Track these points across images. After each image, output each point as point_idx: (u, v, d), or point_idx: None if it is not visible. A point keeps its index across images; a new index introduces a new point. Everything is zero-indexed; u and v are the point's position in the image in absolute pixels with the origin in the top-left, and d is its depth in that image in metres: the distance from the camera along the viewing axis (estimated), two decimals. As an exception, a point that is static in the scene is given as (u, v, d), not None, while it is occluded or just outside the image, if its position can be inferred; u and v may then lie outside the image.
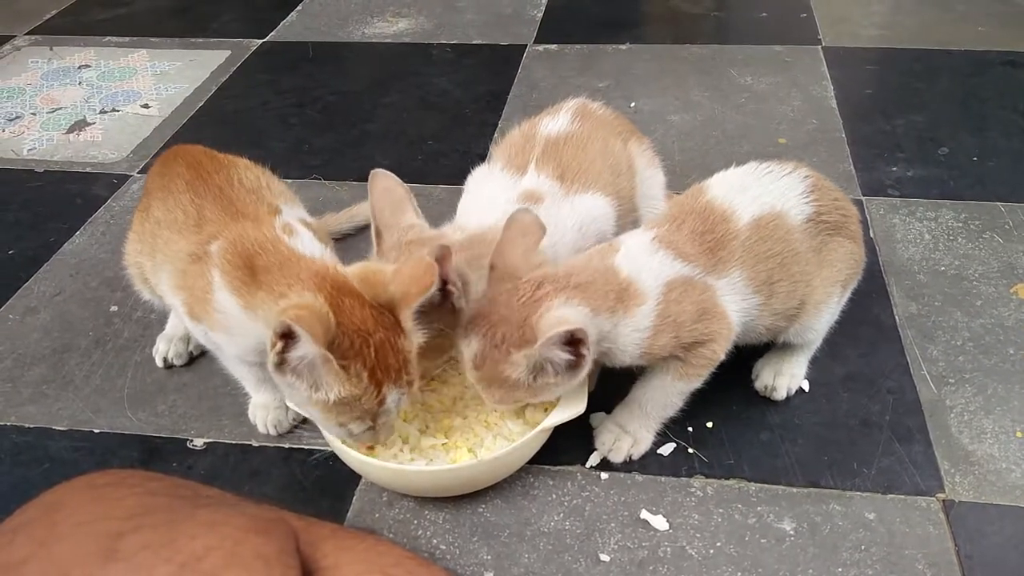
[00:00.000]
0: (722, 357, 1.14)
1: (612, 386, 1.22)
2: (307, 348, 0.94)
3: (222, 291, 1.06)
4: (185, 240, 1.14)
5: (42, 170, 1.95)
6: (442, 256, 1.04)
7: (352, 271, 1.06)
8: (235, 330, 1.08)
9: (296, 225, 1.14)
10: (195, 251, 1.12)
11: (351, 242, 1.60)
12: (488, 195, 1.26)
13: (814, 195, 1.18)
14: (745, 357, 1.29)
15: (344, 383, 0.97)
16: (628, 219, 1.34)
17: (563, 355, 1.01)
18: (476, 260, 1.13)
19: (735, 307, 1.13)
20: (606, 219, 1.28)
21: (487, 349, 1.03)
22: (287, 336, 0.93)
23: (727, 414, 1.26)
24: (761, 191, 1.16)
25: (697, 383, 1.16)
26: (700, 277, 1.10)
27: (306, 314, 0.93)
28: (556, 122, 1.34)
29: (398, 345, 1.01)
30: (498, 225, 1.12)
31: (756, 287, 1.13)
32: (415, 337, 1.03)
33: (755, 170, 1.20)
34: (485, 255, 1.10)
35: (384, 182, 1.21)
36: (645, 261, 1.09)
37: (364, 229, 1.60)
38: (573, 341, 1.00)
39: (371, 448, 1.14)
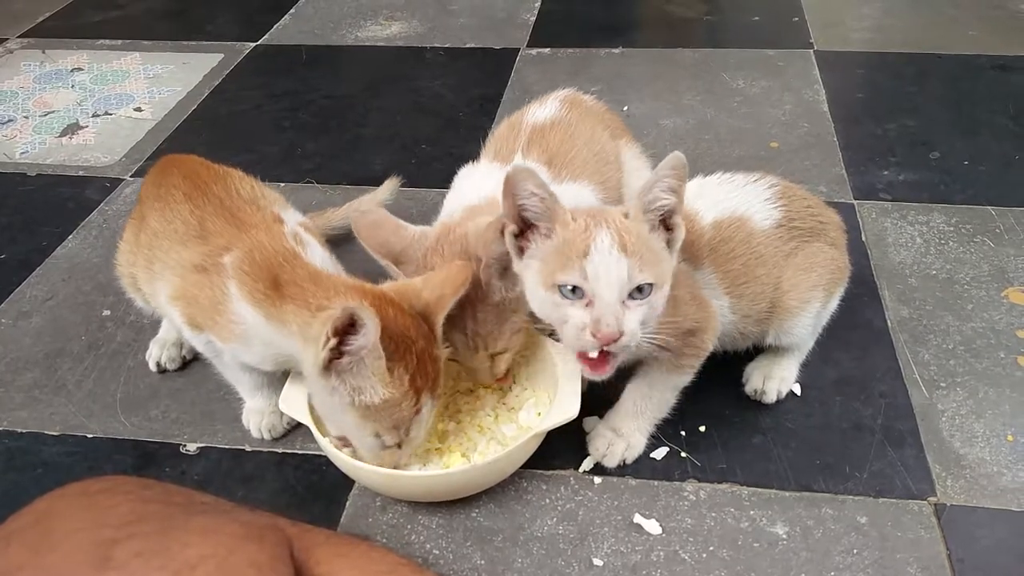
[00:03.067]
0: (711, 348, 1.16)
1: (604, 390, 1.22)
2: (369, 337, 0.94)
3: (241, 303, 1.07)
4: (188, 251, 1.15)
5: (34, 174, 1.94)
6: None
7: (386, 287, 1.09)
8: (254, 340, 1.09)
9: (302, 233, 1.16)
10: (200, 262, 1.13)
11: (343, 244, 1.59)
12: (474, 185, 1.26)
13: (782, 201, 1.21)
14: (736, 360, 1.30)
15: (388, 385, 0.99)
16: None
17: (664, 195, 1.02)
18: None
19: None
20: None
21: (618, 226, 1.00)
22: (347, 328, 0.94)
23: (720, 418, 1.26)
24: (721, 197, 1.20)
25: (689, 376, 1.17)
26: (679, 262, 1.12)
27: (363, 306, 0.94)
28: (544, 110, 1.35)
29: (435, 355, 1.04)
30: (492, 196, 1.13)
31: (726, 288, 1.16)
32: (443, 348, 1.07)
33: (717, 179, 1.24)
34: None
35: (367, 219, 1.18)
36: None
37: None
38: None
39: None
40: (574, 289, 0.99)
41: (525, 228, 1.04)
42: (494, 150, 1.32)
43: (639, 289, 0.99)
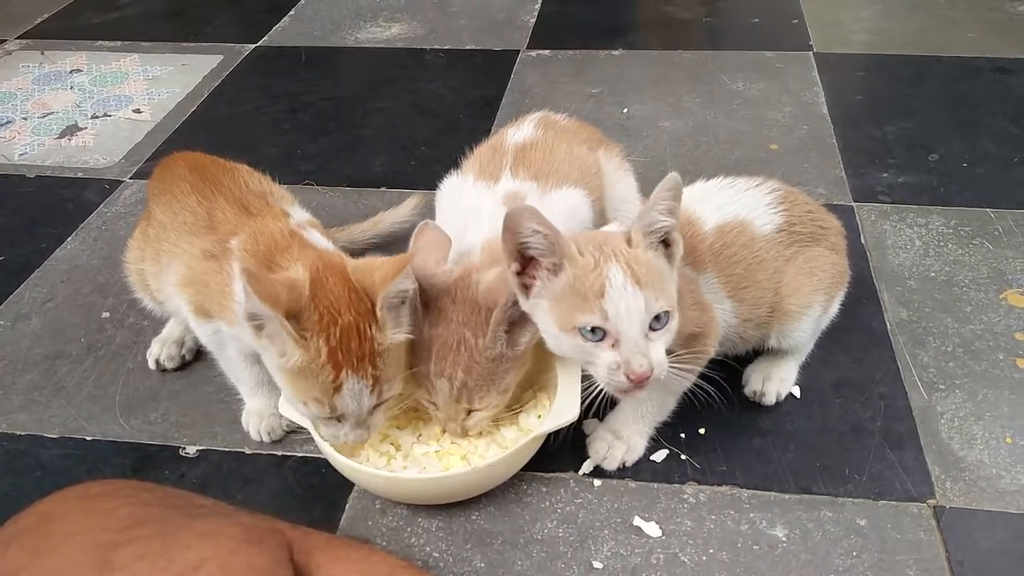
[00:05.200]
0: (712, 352, 1.16)
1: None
2: (251, 302, 0.95)
3: (239, 282, 1.07)
4: (198, 239, 1.17)
5: (33, 175, 1.94)
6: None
7: (356, 260, 1.08)
8: None
9: (307, 227, 1.17)
10: (210, 248, 1.14)
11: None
12: (469, 207, 1.26)
13: (783, 206, 1.21)
14: (736, 363, 1.30)
15: (301, 353, 0.98)
16: (600, 222, 1.36)
17: (664, 217, 1.02)
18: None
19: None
20: (585, 209, 1.30)
21: (626, 258, 1.00)
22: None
23: (719, 420, 1.26)
24: (724, 201, 1.20)
25: (691, 380, 1.16)
26: (681, 268, 1.12)
27: (264, 276, 0.97)
28: (521, 131, 1.37)
29: (367, 333, 1.01)
30: (497, 232, 1.13)
31: (728, 292, 1.16)
32: (390, 332, 1.03)
33: (719, 183, 1.24)
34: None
35: (432, 235, 1.17)
36: None
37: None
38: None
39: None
40: (594, 330, 0.99)
41: (525, 264, 1.03)
42: (479, 168, 1.32)
43: (657, 318, 1.00)
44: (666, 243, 1.04)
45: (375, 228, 1.60)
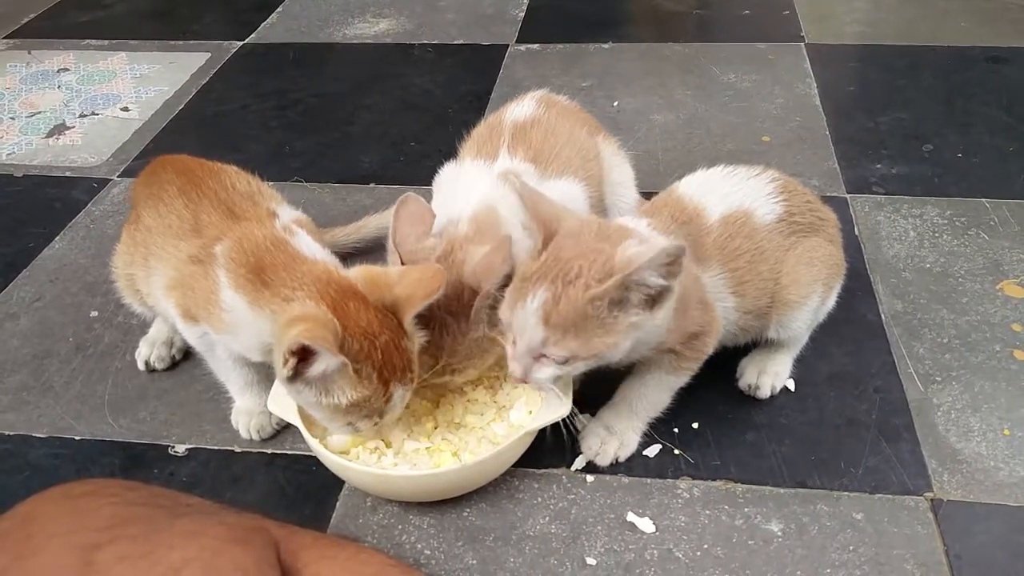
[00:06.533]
0: (711, 351, 1.15)
1: (597, 388, 1.21)
2: (328, 361, 0.96)
3: (228, 290, 1.07)
4: (184, 243, 1.15)
5: (21, 175, 1.92)
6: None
7: (355, 273, 1.08)
8: (241, 328, 1.08)
9: (294, 227, 1.16)
10: (195, 253, 1.13)
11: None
12: (464, 186, 1.24)
13: (783, 196, 1.20)
14: (730, 356, 1.29)
15: (356, 387, 1.00)
16: (597, 208, 1.35)
17: (656, 280, 0.95)
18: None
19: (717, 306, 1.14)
20: (579, 202, 1.29)
21: (559, 291, 0.96)
22: (303, 353, 0.96)
23: (713, 414, 1.25)
24: (728, 191, 1.18)
25: (686, 378, 1.16)
26: (689, 265, 1.11)
27: (317, 328, 0.95)
28: (522, 108, 1.35)
29: (402, 345, 1.03)
30: (487, 203, 1.12)
31: (732, 288, 1.15)
32: (416, 338, 1.06)
33: (721, 172, 1.22)
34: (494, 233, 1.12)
35: (414, 207, 1.17)
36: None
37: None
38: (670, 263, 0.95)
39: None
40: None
41: None
42: (476, 149, 1.31)
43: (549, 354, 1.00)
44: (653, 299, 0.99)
45: (359, 232, 1.58)
